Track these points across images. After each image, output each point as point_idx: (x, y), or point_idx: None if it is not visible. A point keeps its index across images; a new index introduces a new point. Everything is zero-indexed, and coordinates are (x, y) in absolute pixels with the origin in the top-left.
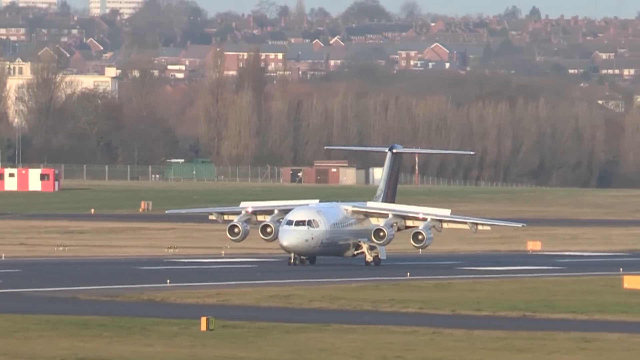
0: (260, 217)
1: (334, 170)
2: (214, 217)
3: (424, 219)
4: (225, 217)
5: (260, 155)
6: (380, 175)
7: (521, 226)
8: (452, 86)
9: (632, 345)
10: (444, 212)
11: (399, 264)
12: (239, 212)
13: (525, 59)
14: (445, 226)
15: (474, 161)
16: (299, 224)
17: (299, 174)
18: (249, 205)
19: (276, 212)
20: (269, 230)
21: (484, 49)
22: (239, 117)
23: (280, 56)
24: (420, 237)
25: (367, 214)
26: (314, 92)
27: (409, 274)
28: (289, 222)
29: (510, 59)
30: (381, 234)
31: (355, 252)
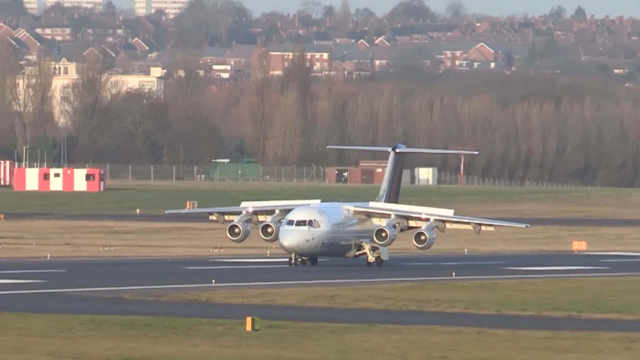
0: (261, 217)
1: (380, 170)
2: (214, 217)
3: (427, 220)
4: (226, 218)
5: (305, 155)
6: (425, 175)
7: (524, 227)
8: (497, 86)
9: None
10: (447, 212)
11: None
12: (240, 212)
13: (570, 59)
14: (448, 227)
15: (520, 161)
16: (300, 224)
17: (344, 174)
18: (249, 205)
19: (277, 212)
20: (269, 230)
21: (529, 49)
22: (285, 117)
23: (325, 56)
24: (422, 237)
25: (369, 214)
26: (359, 92)
27: (454, 274)
28: (290, 222)
29: (555, 59)
30: (383, 234)
31: (357, 253)
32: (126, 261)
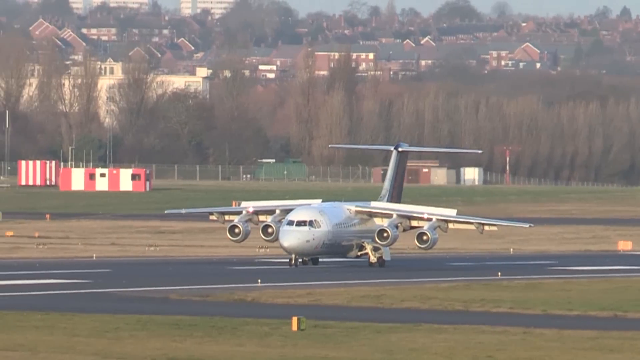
0: (261, 217)
1: (425, 170)
2: (214, 217)
3: (429, 219)
4: (226, 218)
5: (351, 155)
6: (470, 175)
7: (528, 226)
8: (543, 86)
9: None
10: (449, 212)
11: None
12: (240, 212)
13: (616, 59)
14: (451, 226)
15: (565, 161)
16: (300, 224)
17: None
18: (250, 205)
19: (278, 212)
20: (270, 230)
21: (575, 49)
22: (330, 117)
23: (371, 56)
24: (425, 237)
25: (370, 214)
26: (405, 92)
27: (500, 274)
28: (290, 223)
29: (601, 59)
30: (385, 234)
31: (358, 253)
32: (172, 261)
